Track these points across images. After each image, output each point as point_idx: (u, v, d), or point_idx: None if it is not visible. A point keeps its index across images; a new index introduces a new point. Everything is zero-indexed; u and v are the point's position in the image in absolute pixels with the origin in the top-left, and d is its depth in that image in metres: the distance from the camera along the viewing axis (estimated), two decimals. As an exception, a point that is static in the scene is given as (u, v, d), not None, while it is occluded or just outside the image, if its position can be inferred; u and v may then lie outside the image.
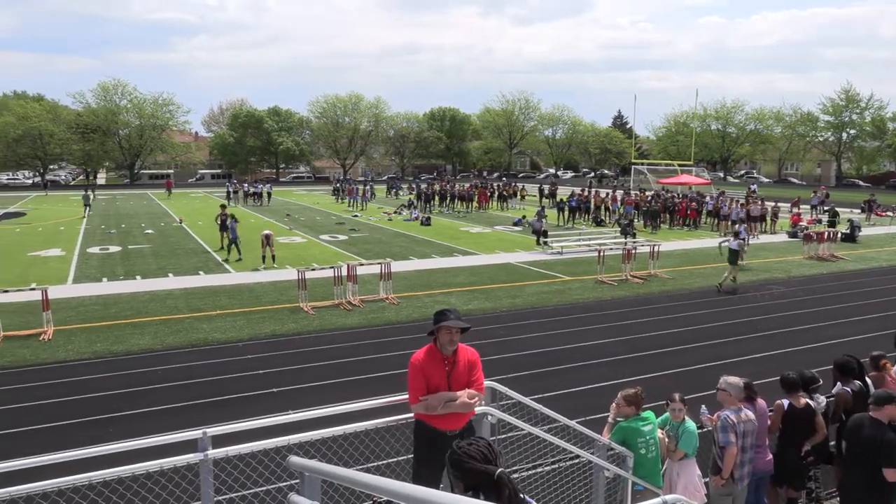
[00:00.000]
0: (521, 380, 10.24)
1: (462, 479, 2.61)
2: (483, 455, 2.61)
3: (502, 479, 2.53)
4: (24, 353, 11.68)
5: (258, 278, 18.75)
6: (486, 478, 2.55)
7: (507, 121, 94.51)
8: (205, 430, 4.08)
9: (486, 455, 2.61)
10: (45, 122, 71.32)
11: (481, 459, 2.60)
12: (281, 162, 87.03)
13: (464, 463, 2.60)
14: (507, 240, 27.53)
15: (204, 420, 8.17)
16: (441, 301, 15.88)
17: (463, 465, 2.60)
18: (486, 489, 2.53)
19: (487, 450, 2.64)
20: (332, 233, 29.60)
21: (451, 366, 4.52)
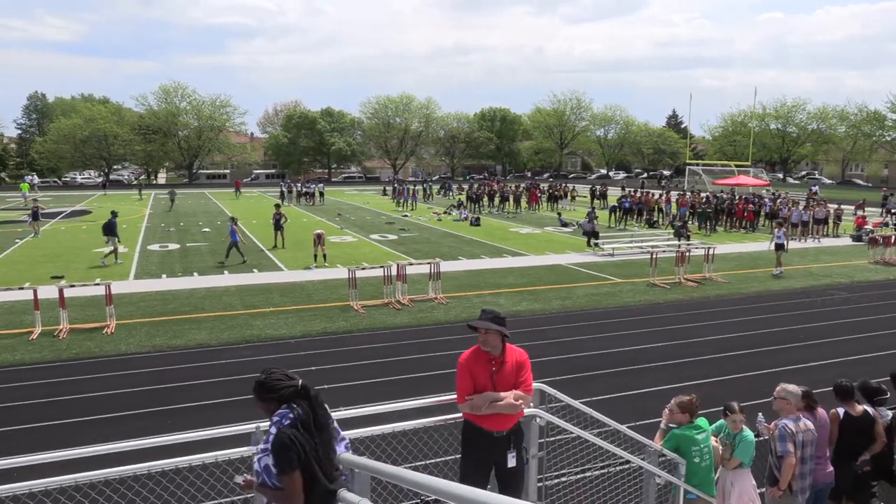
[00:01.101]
0: (571, 382, 10.13)
1: (274, 398, 3.40)
2: (285, 375, 3.46)
3: (306, 386, 3.45)
4: (90, 346, 12.18)
5: (310, 277, 19.08)
6: (293, 390, 3.41)
7: (558, 121, 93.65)
8: (258, 424, 4.18)
9: (288, 375, 3.47)
10: (110, 124, 74.33)
11: (286, 378, 3.44)
12: (333, 162, 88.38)
13: (274, 384, 3.41)
14: (556, 241, 27.29)
15: (257, 414, 8.36)
16: (489, 302, 15.85)
17: (273, 386, 3.41)
18: (296, 399, 3.41)
19: (286, 374, 3.48)
20: (383, 232, 29.89)
21: (497, 366, 4.50)
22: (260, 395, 3.49)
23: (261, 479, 3.45)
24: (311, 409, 3.52)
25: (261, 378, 3.52)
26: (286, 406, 3.44)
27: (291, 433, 3.36)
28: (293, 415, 3.43)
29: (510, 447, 4.51)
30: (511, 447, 4.52)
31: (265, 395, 3.47)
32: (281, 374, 3.53)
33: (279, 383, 3.48)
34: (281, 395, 3.44)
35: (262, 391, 3.47)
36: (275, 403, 3.46)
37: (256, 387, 3.49)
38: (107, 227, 21.87)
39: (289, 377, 3.51)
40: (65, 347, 12.08)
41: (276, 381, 3.50)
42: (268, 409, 3.50)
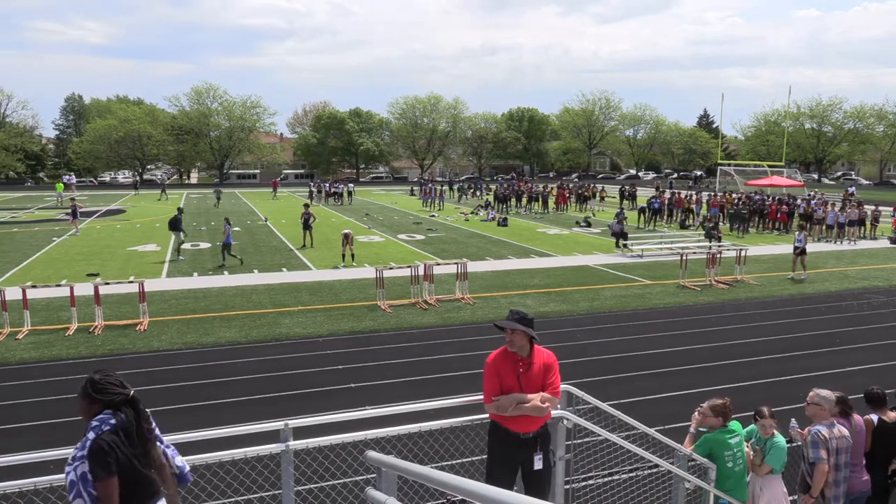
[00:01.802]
0: (598, 384, 10.05)
1: (101, 401, 3.37)
2: (120, 382, 3.45)
3: (136, 398, 3.46)
4: (123, 342, 12.43)
5: (338, 276, 19.22)
6: (123, 398, 3.40)
7: (586, 121, 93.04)
8: (286, 421, 4.23)
9: (123, 383, 3.46)
10: (144, 125, 75.79)
11: (119, 385, 3.43)
12: (361, 162, 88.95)
13: (106, 386, 3.39)
14: (584, 242, 27.09)
15: (285, 412, 8.46)
16: (516, 302, 15.80)
17: (105, 388, 3.39)
18: (124, 406, 3.39)
19: (120, 381, 3.46)
20: (410, 232, 29.98)
21: (525, 367, 4.48)
22: (88, 393, 3.40)
23: (74, 492, 3.27)
24: (136, 419, 3.43)
25: (94, 376, 3.44)
26: (109, 411, 3.36)
27: (110, 439, 3.27)
28: (115, 420, 3.34)
29: (536, 449, 4.49)
30: (537, 449, 4.50)
31: (94, 394, 3.38)
32: (116, 379, 3.46)
33: (112, 388, 3.41)
34: (110, 401, 3.38)
35: (93, 390, 3.39)
36: (99, 406, 3.38)
37: (87, 384, 3.41)
38: (172, 223, 22.83)
39: (122, 385, 3.45)
40: (100, 343, 12.35)
41: (110, 384, 3.42)
42: (89, 412, 3.40)
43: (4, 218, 36.88)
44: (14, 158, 74.54)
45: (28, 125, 79.33)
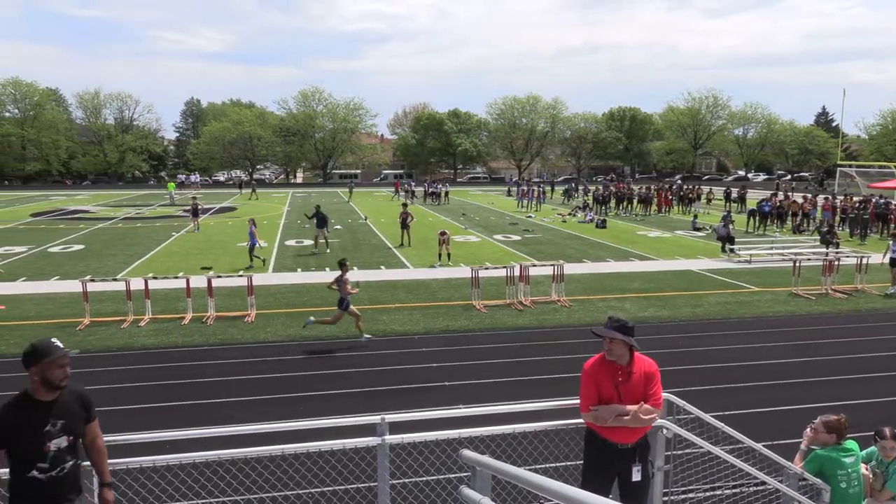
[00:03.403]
0: (700, 394, 9.64)
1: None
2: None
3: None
4: (233, 332, 13.14)
5: (434, 275, 19.47)
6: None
7: (692, 120, 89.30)
8: (383, 416, 4.33)
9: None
10: (255, 127, 79.91)
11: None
12: (459, 163, 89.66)
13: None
14: (687, 245, 26.05)
15: (380, 406, 8.66)
16: (614, 306, 15.42)
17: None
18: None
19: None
20: (506, 233, 29.92)
21: (624, 376, 4.34)
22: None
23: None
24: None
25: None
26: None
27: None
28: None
29: (635, 460, 4.36)
30: (636, 460, 4.36)
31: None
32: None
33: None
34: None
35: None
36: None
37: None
38: (320, 220, 23.92)
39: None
40: (211, 333, 13.12)
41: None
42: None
43: (130, 214, 39.95)
44: (139, 159, 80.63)
45: (152, 128, 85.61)
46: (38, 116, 75.35)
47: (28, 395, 3.79)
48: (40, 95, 76.94)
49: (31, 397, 3.78)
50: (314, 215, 24.31)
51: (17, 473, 3.71)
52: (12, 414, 3.70)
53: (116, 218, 37.25)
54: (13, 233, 30.11)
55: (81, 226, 33.06)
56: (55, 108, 79.52)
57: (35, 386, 3.76)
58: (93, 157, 78.50)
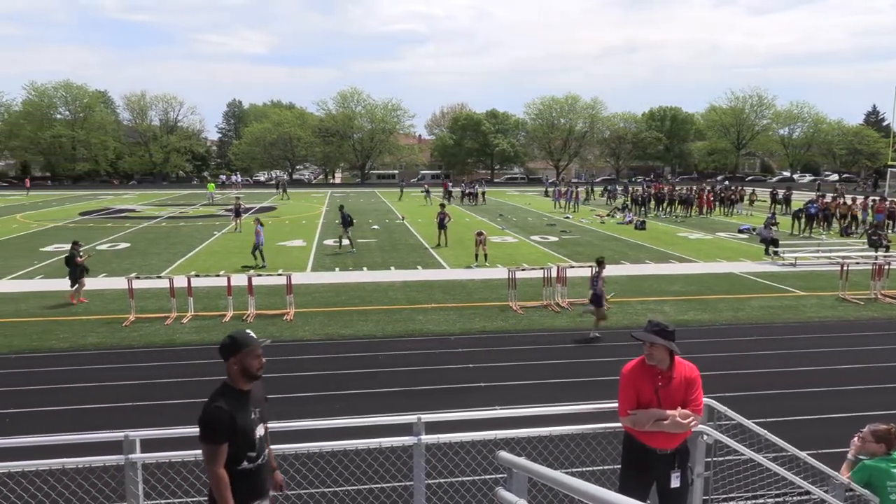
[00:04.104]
0: (741, 400, 9.42)
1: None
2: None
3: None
4: (272, 330, 13.34)
5: (470, 275, 19.45)
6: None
7: (735, 120, 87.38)
8: (419, 415, 4.34)
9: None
10: (294, 128, 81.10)
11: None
12: (496, 163, 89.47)
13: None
14: (729, 248, 25.51)
15: (416, 406, 8.68)
16: (653, 309, 15.19)
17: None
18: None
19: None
20: (543, 234, 29.73)
21: (664, 381, 4.26)
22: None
23: None
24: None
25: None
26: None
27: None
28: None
29: (674, 466, 4.28)
30: (675, 466, 4.28)
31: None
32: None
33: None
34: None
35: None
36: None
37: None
38: (344, 220, 24.41)
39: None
40: (251, 330, 13.30)
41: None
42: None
43: (173, 213, 40.90)
44: (183, 159, 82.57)
45: (196, 129, 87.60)
46: (88, 118, 77.77)
47: (229, 386, 3.84)
48: (90, 98, 79.39)
49: (233, 388, 3.84)
50: (343, 217, 24.69)
51: (229, 467, 3.71)
52: (229, 406, 3.71)
53: (161, 217, 38.18)
54: (63, 231, 31.12)
55: (127, 224, 33.99)
56: (104, 109, 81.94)
57: (235, 376, 3.83)
58: (139, 157, 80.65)
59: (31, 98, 76.67)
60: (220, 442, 3.63)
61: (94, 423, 8.63)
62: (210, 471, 3.64)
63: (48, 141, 74.60)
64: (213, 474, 3.63)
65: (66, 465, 4.21)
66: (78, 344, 12.41)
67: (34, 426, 8.53)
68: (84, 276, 16.02)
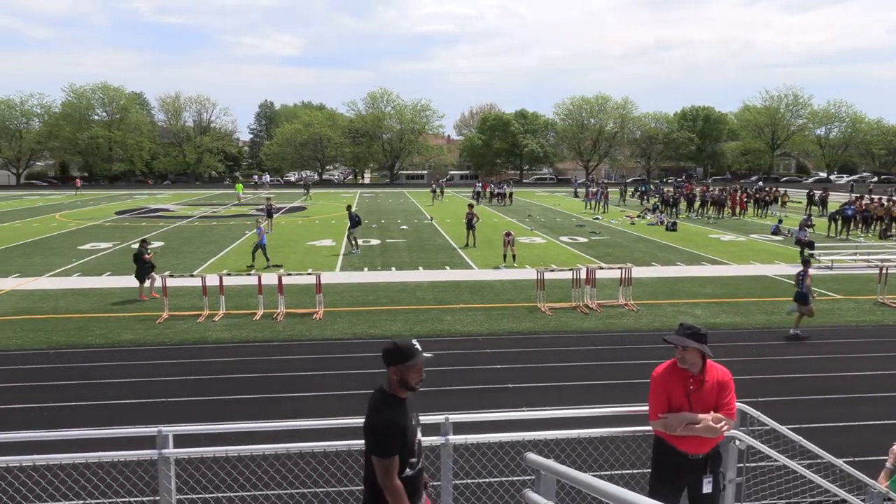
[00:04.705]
0: (774, 405, 9.24)
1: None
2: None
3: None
4: (301, 329, 13.48)
5: (498, 276, 19.41)
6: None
7: (770, 119, 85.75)
8: (447, 415, 4.34)
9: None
10: (325, 128, 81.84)
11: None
12: (525, 163, 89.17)
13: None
14: (763, 250, 25.05)
15: (444, 406, 8.68)
16: (684, 311, 14.99)
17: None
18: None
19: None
20: (572, 235, 29.54)
21: (696, 385, 4.20)
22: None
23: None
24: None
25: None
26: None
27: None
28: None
29: (706, 471, 4.21)
30: (707, 471, 4.22)
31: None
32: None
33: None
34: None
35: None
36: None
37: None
38: (351, 220, 24.27)
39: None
40: (281, 329, 13.49)
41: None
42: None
43: (206, 213, 41.55)
44: (216, 159, 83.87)
45: (228, 130, 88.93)
46: (124, 119, 79.51)
47: (388, 393, 3.74)
48: (126, 99, 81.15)
49: (393, 396, 3.73)
50: (350, 217, 24.37)
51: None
52: (396, 414, 3.64)
53: (194, 216, 38.82)
54: (100, 230, 31.83)
55: (161, 223, 34.63)
56: (139, 111, 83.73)
57: (393, 385, 3.73)
58: (173, 157, 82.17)
59: (70, 100, 78.65)
60: (394, 455, 3.55)
61: (128, 418, 8.82)
62: (386, 485, 3.55)
63: (86, 142, 76.43)
64: (391, 488, 3.54)
65: (102, 458, 4.30)
66: (114, 340, 12.69)
67: (71, 420, 8.74)
68: (152, 272, 16.36)
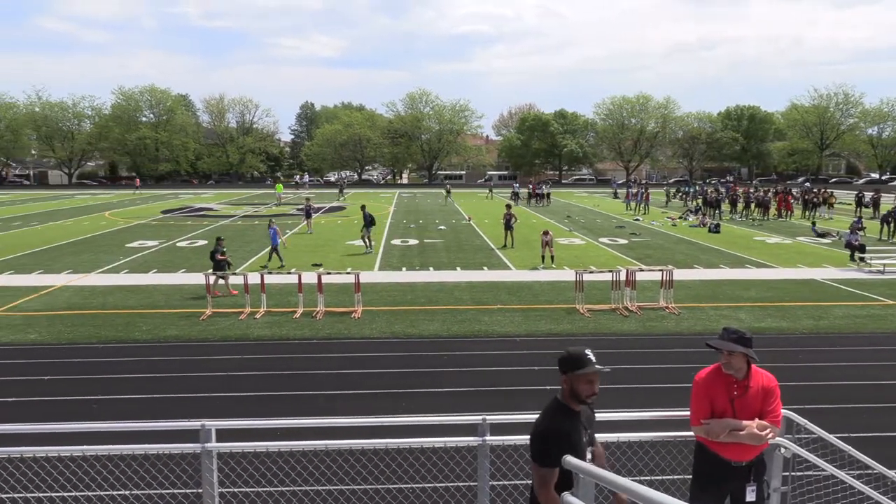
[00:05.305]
0: (821, 413, 8.97)
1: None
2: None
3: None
4: (340, 327, 13.62)
5: (537, 277, 19.29)
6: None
7: (818, 119, 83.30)
8: (484, 416, 4.34)
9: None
10: (364, 129, 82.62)
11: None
12: (564, 164, 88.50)
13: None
14: (811, 253, 24.36)
15: (481, 407, 8.68)
16: (727, 315, 14.67)
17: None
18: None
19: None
20: (612, 236, 29.19)
21: (740, 390, 4.10)
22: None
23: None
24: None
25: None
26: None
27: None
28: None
29: (750, 479, 4.11)
30: (751, 479, 4.11)
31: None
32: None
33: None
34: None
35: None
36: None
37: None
38: (366, 220, 24.61)
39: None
40: (320, 327, 13.65)
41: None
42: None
43: (248, 212, 42.31)
44: (258, 160, 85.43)
45: (270, 131, 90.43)
46: (170, 120, 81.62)
47: (561, 402, 3.66)
48: (172, 101, 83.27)
49: (565, 406, 3.64)
50: (365, 217, 24.57)
51: (557, 491, 3.42)
52: (564, 425, 3.53)
53: (236, 216, 39.57)
54: (147, 228, 32.70)
55: (205, 222, 35.39)
56: (185, 112, 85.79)
57: (566, 394, 3.65)
58: (216, 158, 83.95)
59: (119, 102, 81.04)
60: (555, 465, 3.39)
61: (172, 412, 9.03)
62: (541, 495, 3.41)
63: (134, 142, 78.67)
64: (546, 499, 3.39)
65: (148, 450, 4.41)
66: (159, 336, 13.01)
67: (118, 412, 9.00)
68: (227, 270, 16.76)
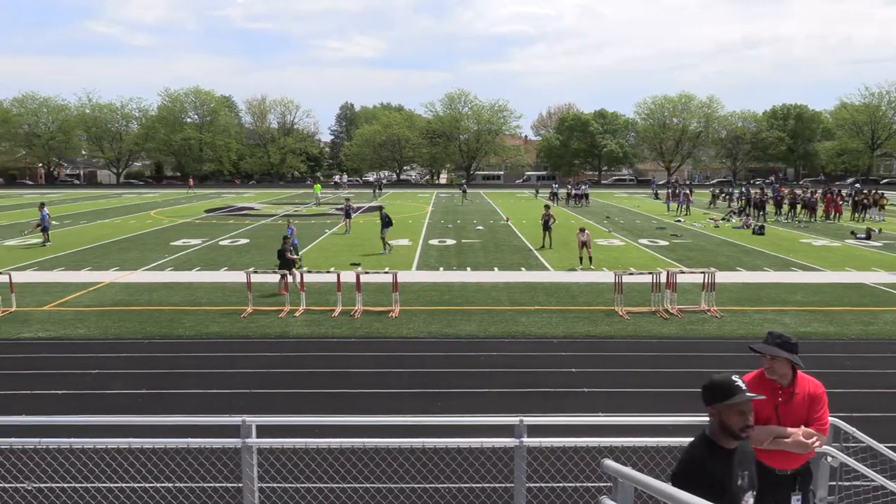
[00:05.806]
0: (870, 422, 8.69)
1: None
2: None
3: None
4: (378, 327, 13.72)
5: (575, 278, 19.12)
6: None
7: (869, 118, 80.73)
8: (521, 417, 4.32)
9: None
10: (403, 129, 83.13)
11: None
12: (603, 164, 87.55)
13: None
14: (860, 256, 23.60)
15: (517, 408, 8.65)
16: (771, 319, 14.32)
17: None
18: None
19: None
20: (652, 237, 28.76)
21: (785, 397, 4.00)
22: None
23: None
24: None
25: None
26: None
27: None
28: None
29: (795, 488, 4.00)
30: (796, 488, 4.01)
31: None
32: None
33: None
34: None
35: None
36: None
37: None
38: (383, 221, 24.64)
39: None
40: (358, 326, 13.77)
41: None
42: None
43: (289, 212, 42.94)
44: (298, 160, 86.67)
45: (310, 131, 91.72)
46: (214, 121, 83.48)
47: (709, 438, 3.24)
48: (216, 102, 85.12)
49: (713, 441, 3.22)
50: (382, 218, 24.53)
51: None
52: (710, 461, 3.14)
53: (277, 215, 40.19)
54: (190, 227, 33.46)
55: (247, 221, 36.05)
56: (228, 113, 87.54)
57: (715, 429, 3.22)
58: (258, 158, 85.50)
59: (165, 103, 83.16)
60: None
61: (213, 407, 9.22)
62: None
63: (179, 143, 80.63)
64: None
65: (190, 444, 4.51)
66: (202, 332, 13.30)
67: (162, 407, 9.23)
68: (295, 268, 17.11)
